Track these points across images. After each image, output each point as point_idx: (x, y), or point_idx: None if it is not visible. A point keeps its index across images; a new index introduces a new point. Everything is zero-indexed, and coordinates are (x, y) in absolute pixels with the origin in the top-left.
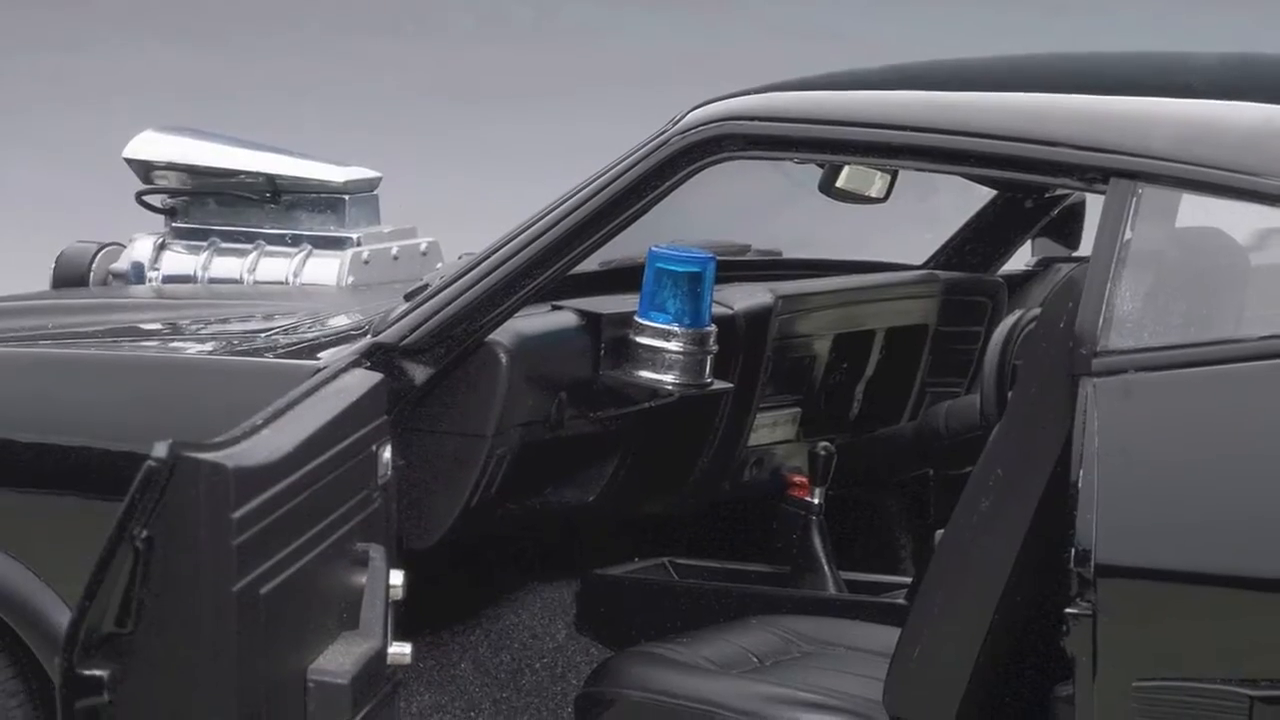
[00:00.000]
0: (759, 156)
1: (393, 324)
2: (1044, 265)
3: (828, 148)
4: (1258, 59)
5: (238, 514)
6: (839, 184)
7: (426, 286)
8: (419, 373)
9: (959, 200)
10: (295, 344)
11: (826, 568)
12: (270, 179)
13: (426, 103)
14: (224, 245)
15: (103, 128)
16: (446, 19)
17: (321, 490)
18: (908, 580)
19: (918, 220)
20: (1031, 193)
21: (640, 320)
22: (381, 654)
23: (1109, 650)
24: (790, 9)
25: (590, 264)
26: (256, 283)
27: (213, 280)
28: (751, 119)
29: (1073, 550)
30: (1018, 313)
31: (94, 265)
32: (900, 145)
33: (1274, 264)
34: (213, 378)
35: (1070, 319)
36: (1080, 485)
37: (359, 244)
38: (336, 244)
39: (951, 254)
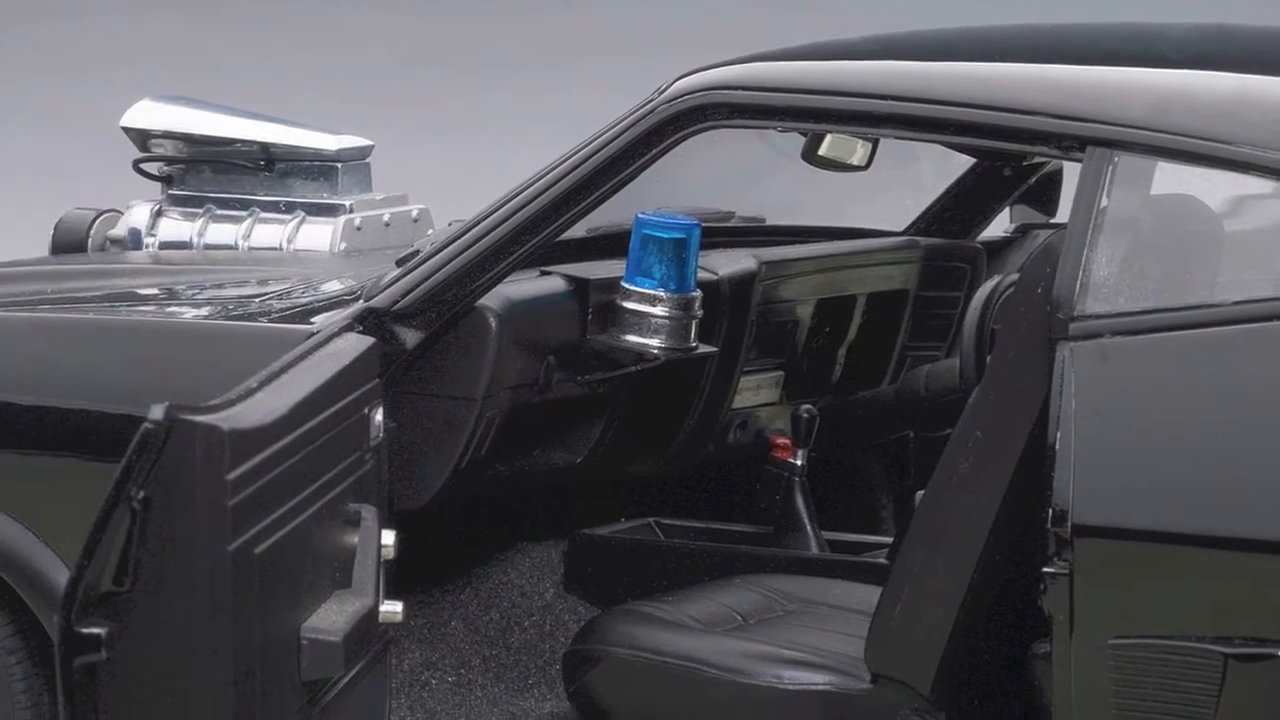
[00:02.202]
0: (743, 125)
1: (385, 289)
2: (1022, 232)
3: (810, 116)
4: (1230, 30)
5: (233, 475)
6: (821, 152)
7: (418, 252)
8: (410, 337)
9: (939, 168)
10: (289, 309)
11: (809, 528)
12: (264, 147)
13: (418, 72)
14: (219, 212)
15: (101, 97)
16: None
17: (315, 452)
18: (889, 540)
19: (898, 187)
20: (1010, 161)
21: (627, 285)
22: (373, 612)
23: (1085, 609)
24: None
25: (578, 230)
26: (251, 249)
27: (208, 246)
28: (736, 88)
29: (1050, 510)
30: (996, 278)
31: (92, 231)
32: (881, 114)
33: (1247, 230)
34: (208, 342)
35: (1048, 284)
36: (1057, 447)
37: (351, 211)
38: (329, 211)
39: (932, 220)
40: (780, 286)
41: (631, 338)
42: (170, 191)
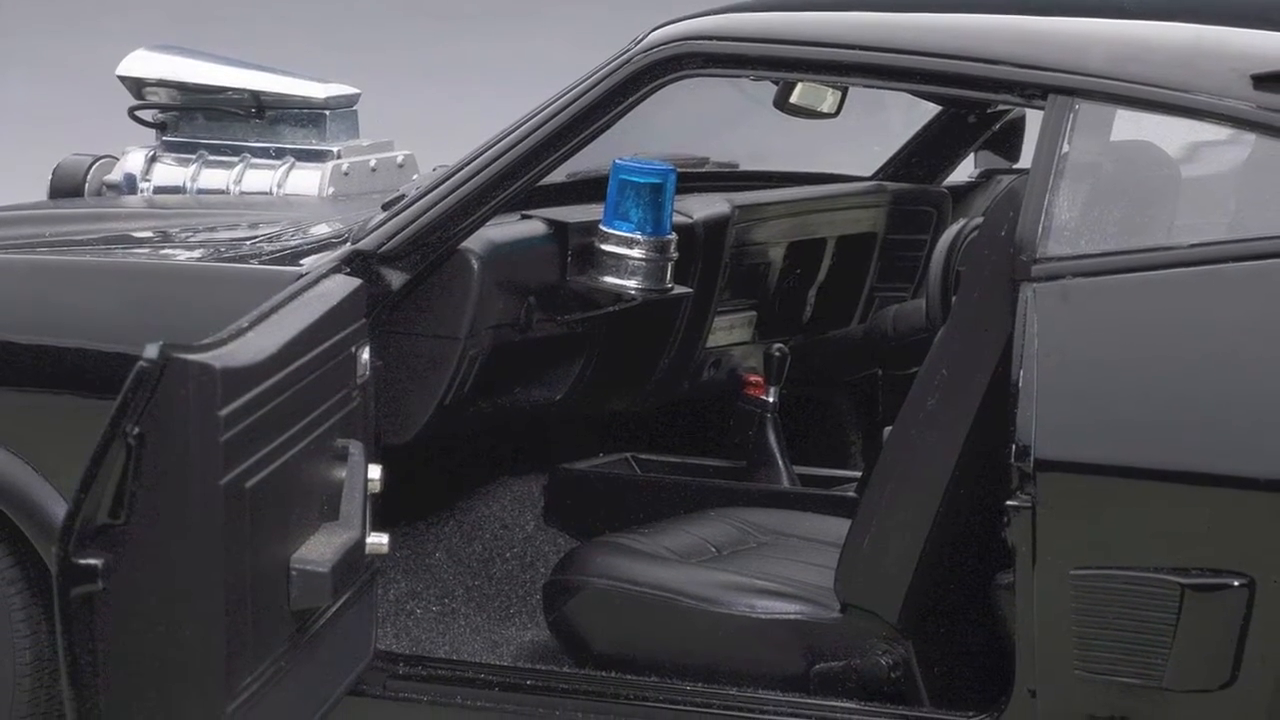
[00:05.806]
0: (717, 74)
1: (371, 232)
2: (986, 177)
3: (782, 66)
4: None
5: (225, 412)
6: (793, 100)
7: (403, 197)
8: (396, 278)
9: (906, 115)
10: (279, 251)
11: (781, 462)
12: (255, 95)
13: (404, 22)
14: (211, 158)
15: (97, 46)
16: None
17: (304, 389)
18: (857, 474)
19: (867, 134)
20: (975, 108)
21: (605, 229)
22: (360, 544)
23: (1047, 540)
24: None
25: (558, 175)
26: (242, 193)
27: (201, 191)
28: (710, 38)
29: (1013, 446)
30: (961, 221)
31: (89, 177)
32: (851, 63)
33: (1203, 175)
34: (201, 283)
35: (1011, 227)
36: (1020, 384)
37: (339, 157)
38: (318, 157)
39: (899, 166)
40: (753, 230)
41: (609, 279)
42: (164, 138)
